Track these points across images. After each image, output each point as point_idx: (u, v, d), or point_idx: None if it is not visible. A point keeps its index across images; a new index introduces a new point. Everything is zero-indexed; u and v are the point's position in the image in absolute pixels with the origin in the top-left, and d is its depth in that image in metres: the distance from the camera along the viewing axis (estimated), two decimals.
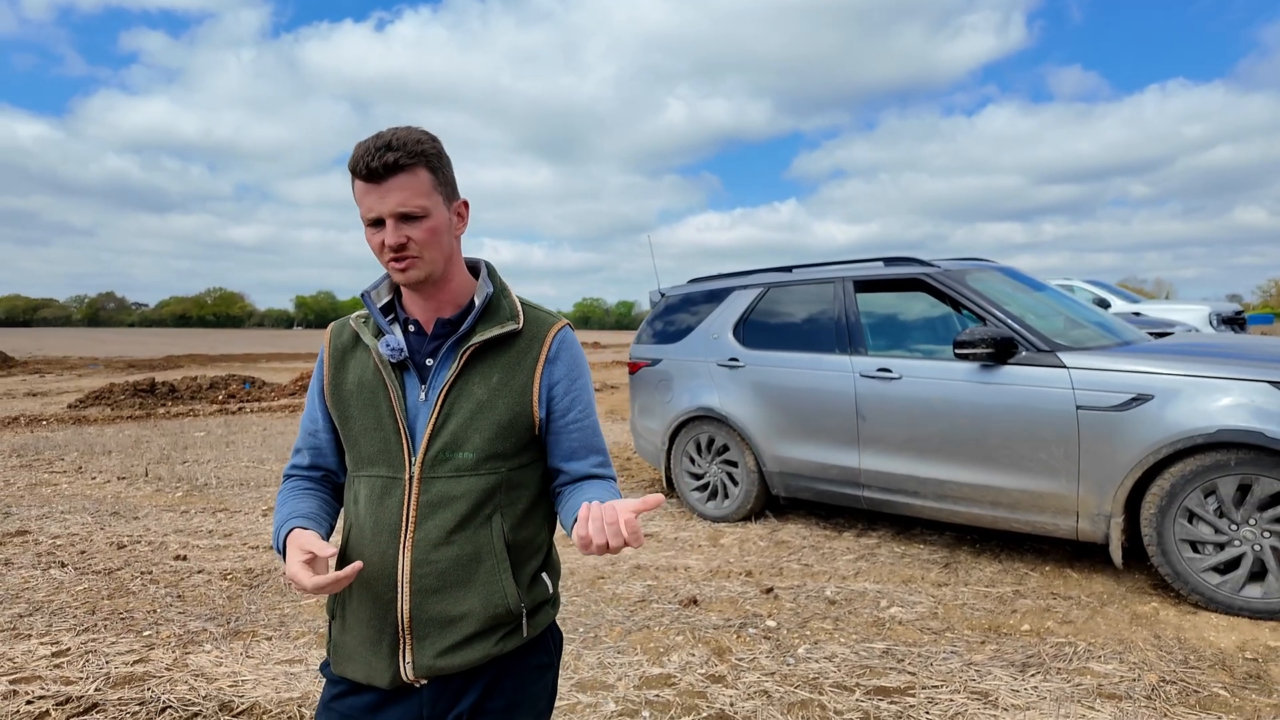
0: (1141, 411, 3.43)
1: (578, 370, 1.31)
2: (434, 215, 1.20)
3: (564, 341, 1.30)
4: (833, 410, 4.46)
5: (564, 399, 1.29)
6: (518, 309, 1.30)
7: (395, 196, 1.16)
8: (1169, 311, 11.21)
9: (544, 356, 1.27)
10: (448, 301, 1.27)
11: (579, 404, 1.30)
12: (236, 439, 9.11)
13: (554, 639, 1.36)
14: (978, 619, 3.36)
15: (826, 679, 2.83)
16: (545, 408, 1.28)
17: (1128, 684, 2.72)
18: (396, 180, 1.16)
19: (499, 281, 1.34)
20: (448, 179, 1.25)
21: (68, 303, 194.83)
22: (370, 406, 1.26)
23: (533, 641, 1.30)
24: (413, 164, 1.17)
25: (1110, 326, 4.36)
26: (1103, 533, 3.57)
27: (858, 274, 4.66)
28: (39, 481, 6.69)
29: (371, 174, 1.16)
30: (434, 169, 1.21)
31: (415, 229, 1.19)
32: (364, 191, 1.18)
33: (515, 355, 1.27)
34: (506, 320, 1.27)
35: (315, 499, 1.32)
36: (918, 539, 4.58)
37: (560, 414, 1.29)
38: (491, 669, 1.25)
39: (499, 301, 1.30)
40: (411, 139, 1.18)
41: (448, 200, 1.25)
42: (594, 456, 1.32)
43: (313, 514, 1.27)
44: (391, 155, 1.15)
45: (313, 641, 3.26)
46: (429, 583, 1.21)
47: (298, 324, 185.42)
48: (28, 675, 2.95)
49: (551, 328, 1.31)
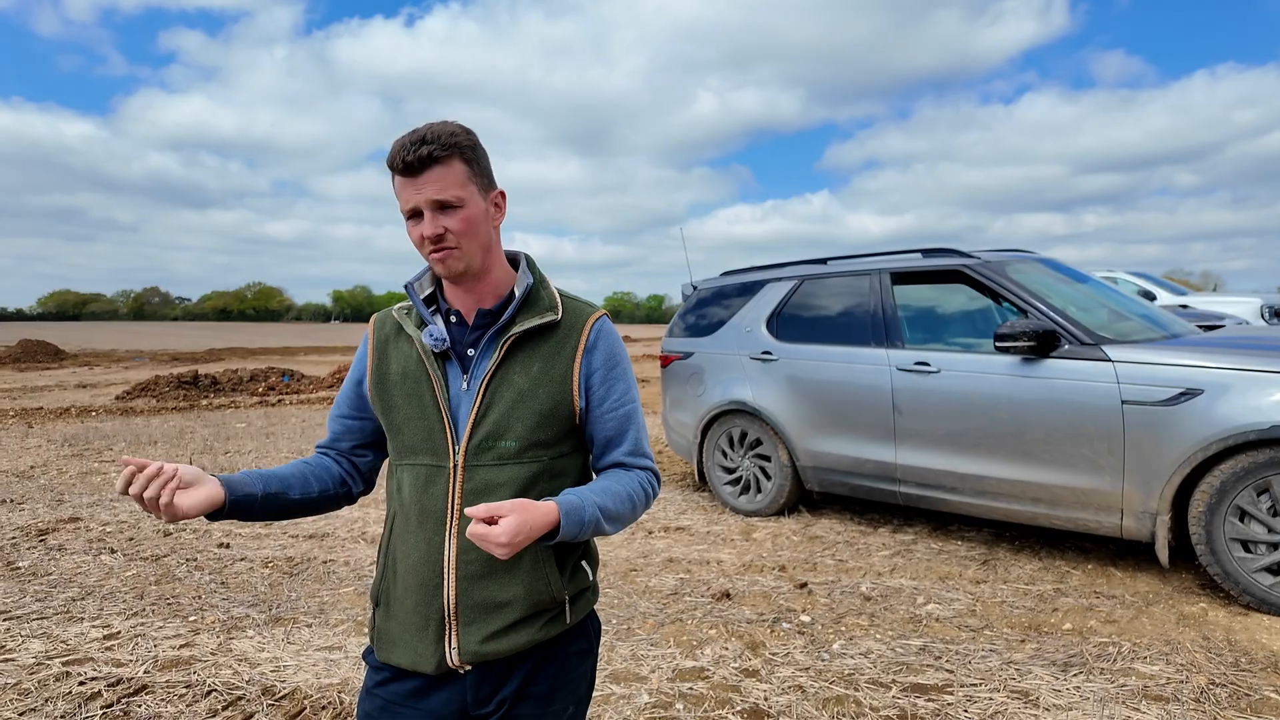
0: (1191, 406, 3.33)
1: (615, 359, 1.32)
2: (470, 205, 1.22)
3: (602, 331, 1.31)
4: (868, 404, 4.41)
5: (601, 387, 1.30)
6: (556, 300, 1.31)
7: (431, 187, 1.19)
8: (1218, 304, 10.87)
9: (583, 346, 1.29)
10: (488, 292, 1.29)
11: (615, 392, 1.30)
12: (276, 430, 9.31)
13: (593, 626, 1.38)
14: (1017, 617, 3.29)
15: (862, 675, 2.80)
16: (584, 396, 1.29)
17: (1175, 685, 2.65)
18: (432, 173, 1.19)
19: (538, 273, 1.35)
20: (483, 170, 1.26)
21: (114, 297, 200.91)
22: (414, 395, 1.28)
23: (574, 628, 1.32)
24: (447, 156, 1.19)
25: (1157, 319, 4.24)
26: (1148, 531, 3.48)
27: (895, 266, 4.59)
28: (89, 470, 6.91)
29: (408, 167, 1.19)
30: (468, 160, 1.22)
31: (451, 219, 1.21)
32: (402, 185, 1.21)
33: (554, 345, 1.28)
34: (546, 311, 1.29)
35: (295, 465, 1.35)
36: (955, 535, 4.51)
37: (597, 402, 1.30)
38: (534, 655, 1.27)
39: (538, 292, 1.31)
40: (446, 132, 1.20)
41: (484, 191, 1.26)
42: (626, 444, 1.32)
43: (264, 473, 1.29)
44: (426, 149, 1.17)
45: (351, 629, 3.32)
46: (475, 569, 1.23)
47: (335, 318, 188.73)
48: (80, 657, 3.05)
49: (589, 317, 1.32)
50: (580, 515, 1.17)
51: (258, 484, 1.26)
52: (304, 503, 1.33)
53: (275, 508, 1.28)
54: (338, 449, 1.41)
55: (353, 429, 1.40)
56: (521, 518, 1.09)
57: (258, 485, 1.26)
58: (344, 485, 1.39)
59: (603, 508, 1.21)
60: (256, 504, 1.25)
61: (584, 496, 1.20)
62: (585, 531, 1.19)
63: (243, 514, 1.24)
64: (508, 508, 1.10)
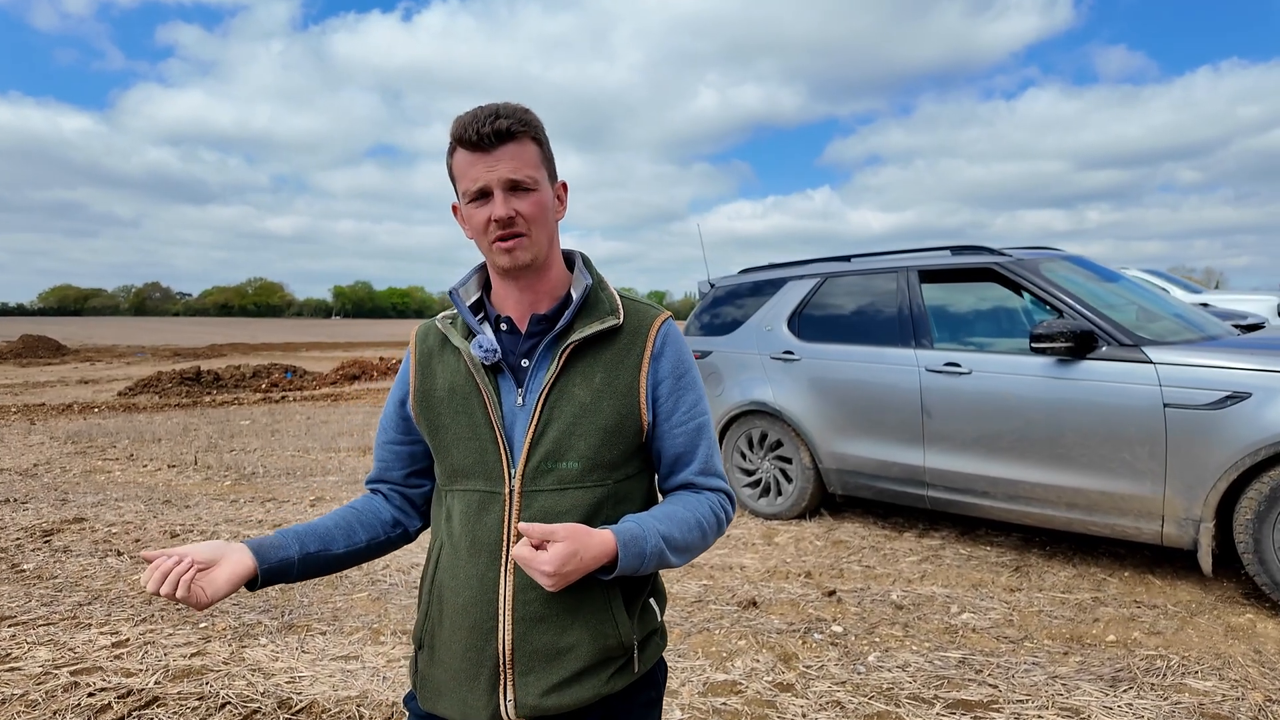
0: (1237, 410, 3.21)
1: (684, 366, 1.18)
2: (542, 190, 1.10)
3: (669, 335, 1.18)
4: (896, 406, 4.29)
5: (669, 399, 1.16)
6: (617, 303, 1.18)
7: (505, 165, 1.06)
8: (1235, 302, 10.73)
9: (649, 353, 1.15)
10: (545, 294, 1.16)
11: (685, 403, 1.17)
12: (281, 427, 9.20)
13: (660, 671, 1.24)
14: (1057, 627, 3.18)
15: (902, 690, 2.69)
16: (652, 409, 1.16)
17: (1231, 703, 2.54)
18: (506, 149, 1.07)
19: (596, 274, 1.22)
20: (551, 157, 1.15)
21: (115, 292, 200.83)
22: (463, 413, 1.14)
23: (642, 676, 1.18)
24: (523, 133, 1.08)
25: (1191, 319, 4.11)
26: (1190, 538, 3.36)
27: (923, 264, 4.46)
28: (93, 468, 6.80)
29: (482, 140, 1.06)
30: (540, 142, 1.11)
31: (524, 202, 1.08)
32: (470, 162, 1.08)
33: (617, 353, 1.15)
34: (607, 315, 1.15)
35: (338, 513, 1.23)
36: (983, 540, 4.39)
37: (665, 415, 1.16)
38: (598, 709, 1.14)
39: (597, 295, 1.18)
40: (520, 109, 1.09)
41: (552, 179, 1.15)
42: (695, 464, 1.18)
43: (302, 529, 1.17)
44: (504, 122, 1.05)
45: (367, 637, 3.21)
46: (534, 610, 1.09)
47: (336, 313, 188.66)
48: (89, 666, 2.94)
49: (655, 321, 1.18)
50: (641, 546, 1.05)
51: (293, 545, 1.14)
52: (351, 555, 1.21)
53: (316, 566, 1.16)
54: (389, 480, 1.28)
55: (402, 455, 1.26)
56: (572, 546, 0.98)
57: (294, 547, 1.13)
58: (397, 527, 1.27)
59: (667, 537, 1.08)
60: (294, 569, 1.13)
61: (645, 524, 1.07)
62: (647, 565, 1.06)
63: (280, 580, 1.12)
64: (562, 533, 0.98)
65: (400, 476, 1.27)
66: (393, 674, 2.88)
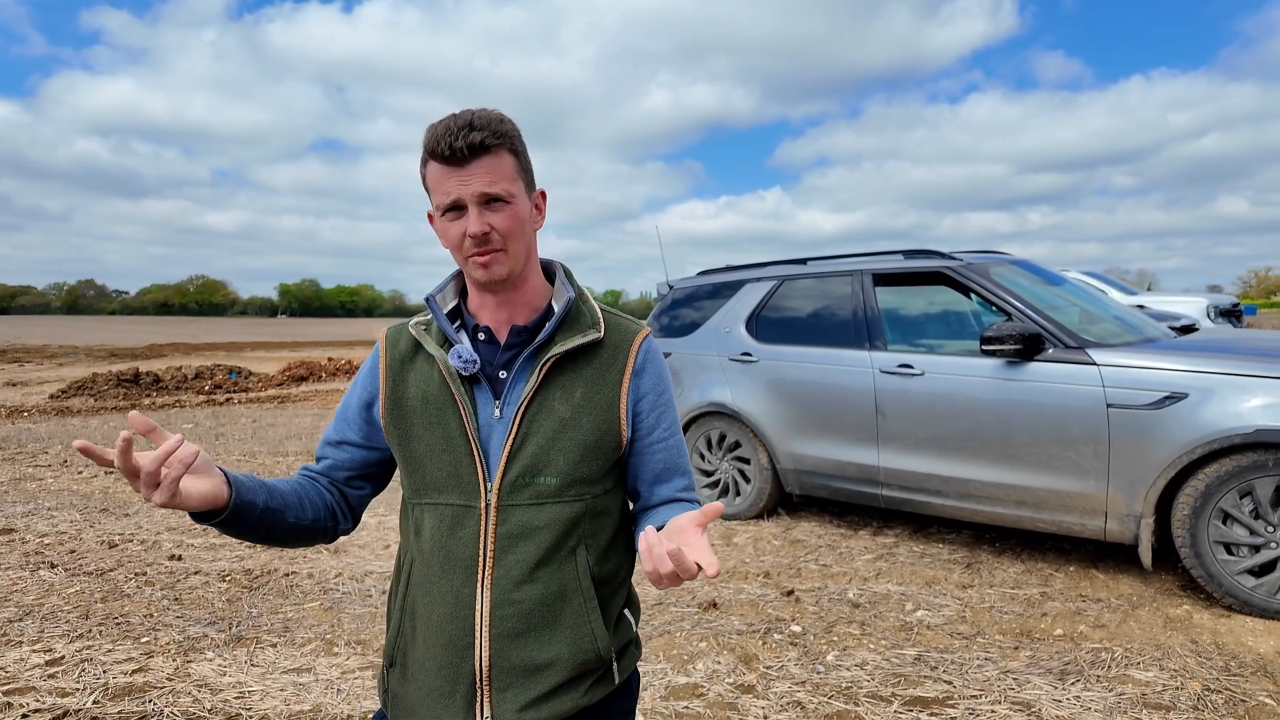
0: (1175, 410, 3.34)
1: (664, 383, 1.19)
2: (518, 202, 1.07)
3: (649, 352, 1.18)
4: (851, 406, 4.36)
5: (650, 415, 1.16)
6: (599, 316, 1.17)
7: (479, 179, 1.04)
8: (1167, 304, 11.20)
9: (630, 369, 1.15)
10: (524, 305, 1.14)
11: (665, 421, 1.18)
12: (226, 431, 8.91)
13: (635, 680, 1.24)
14: (1008, 623, 3.27)
15: (860, 688, 2.73)
16: (632, 426, 1.15)
17: (1171, 693, 2.64)
18: (481, 162, 1.04)
19: (578, 286, 1.20)
20: (528, 165, 1.12)
21: (46, 290, 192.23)
22: (437, 424, 1.11)
23: (619, 686, 1.17)
24: (498, 145, 1.05)
25: (1130, 321, 4.27)
26: (1132, 533, 3.49)
27: (877, 267, 4.54)
28: (23, 476, 6.48)
29: (455, 154, 1.03)
30: (517, 152, 1.09)
31: (499, 216, 1.06)
32: (443, 176, 1.05)
33: (598, 368, 1.13)
34: (588, 329, 1.14)
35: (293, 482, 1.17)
36: (935, 538, 4.49)
37: (646, 432, 1.16)
38: None
39: (579, 308, 1.16)
40: (495, 118, 1.05)
41: (529, 189, 1.12)
42: (679, 479, 1.19)
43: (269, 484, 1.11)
44: (476, 135, 1.02)
45: (320, 649, 3.12)
46: (511, 625, 1.07)
47: (282, 312, 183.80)
48: (21, 686, 2.79)
49: (636, 336, 1.18)
50: None
51: (261, 493, 1.07)
52: (295, 528, 1.13)
53: (268, 525, 1.09)
54: (331, 478, 1.22)
55: (356, 459, 1.21)
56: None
57: (261, 495, 1.07)
58: (333, 519, 1.20)
59: None
60: (255, 515, 1.06)
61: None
62: None
63: (236, 522, 1.04)
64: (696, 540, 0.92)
65: (344, 478, 1.23)
66: (348, 686, 2.80)
